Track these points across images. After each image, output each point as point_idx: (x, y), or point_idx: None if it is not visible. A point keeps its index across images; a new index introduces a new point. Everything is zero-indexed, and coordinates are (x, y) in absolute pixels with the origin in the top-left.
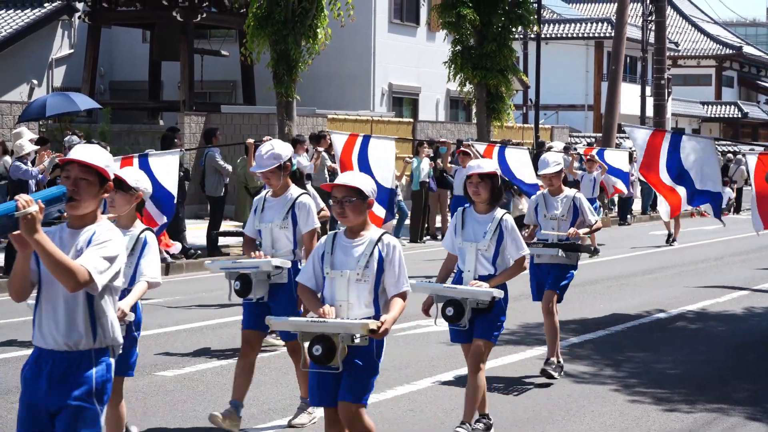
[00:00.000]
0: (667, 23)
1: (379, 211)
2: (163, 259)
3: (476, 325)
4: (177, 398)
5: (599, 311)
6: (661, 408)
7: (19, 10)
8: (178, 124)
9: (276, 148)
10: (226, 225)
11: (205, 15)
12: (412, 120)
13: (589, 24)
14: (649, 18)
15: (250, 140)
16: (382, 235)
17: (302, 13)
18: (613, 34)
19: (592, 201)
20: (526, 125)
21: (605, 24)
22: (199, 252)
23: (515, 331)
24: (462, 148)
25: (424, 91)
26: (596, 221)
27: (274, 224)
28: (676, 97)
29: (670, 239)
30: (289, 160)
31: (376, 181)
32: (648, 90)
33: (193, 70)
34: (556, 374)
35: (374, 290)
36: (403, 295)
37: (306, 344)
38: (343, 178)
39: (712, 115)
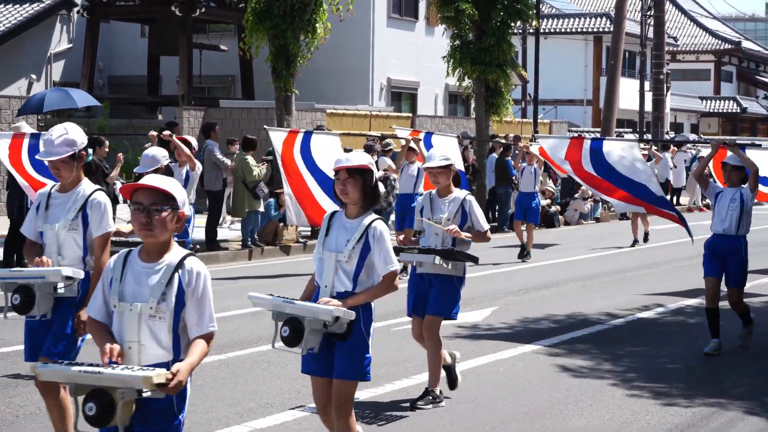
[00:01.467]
0: (666, 18)
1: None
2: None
3: (335, 359)
4: None
5: (598, 306)
6: (660, 402)
7: (18, 5)
8: (177, 118)
9: (70, 132)
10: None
11: (203, 10)
12: (410, 115)
13: (588, 19)
14: (648, 13)
15: (153, 132)
16: (185, 258)
17: (301, 7)
18: (612, 29)
19: (533, 195)
20: (524, 120)
21: (604, 19)
22: (198, 246)
23: (513, 326)
24: (409, 144)
25: (423, 85)
26: (487, 230)
27: (61, 225)
28: (675, 92)
29: (637, 242)
30: (85, 148)
31: (328, 177)
32: (647, 85)
33: (191, 65)
34: (428, 406)
35: (173, 329)
36: (207, 337)
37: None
38: (152, 180)
39: (711, 110)
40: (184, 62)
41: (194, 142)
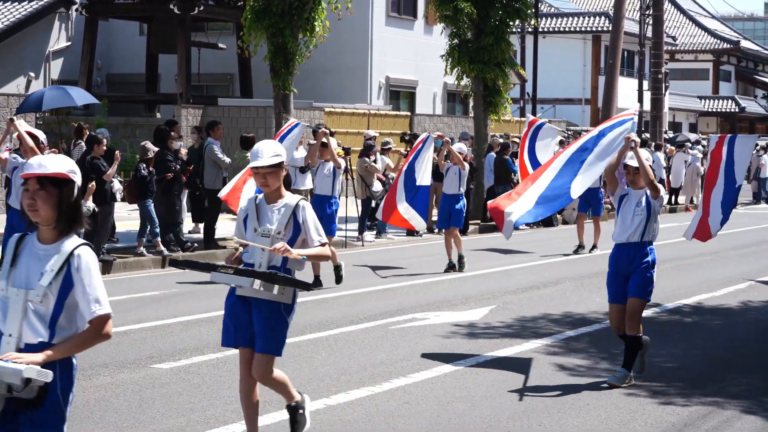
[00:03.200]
0: (665, 17)
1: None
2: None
3: None
4: (173, 390)
5: (596, 305)
6: (657, 401)
7: (17, 3)
8: (175, 116)
9: None
10: (223, 218)
11: (202, 8)
12: (409, 113)
13: (586, 18)
14: (647, 12)
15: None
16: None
17: (300, 6)
18: (610, 28)
19: (457, 197)
20: (523, 119)
21: (603, 18)
22: (196, 245)
23: (511, 324)
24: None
25: (422, 84)
26: (323, 243)
27: None
28: (674, 91)
29: (580, 248)
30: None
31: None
32: (645, 84)
33: (190, 63)
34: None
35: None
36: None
37: None
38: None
39: (709, 110)
40: (182, 60)
41: (42, 136)
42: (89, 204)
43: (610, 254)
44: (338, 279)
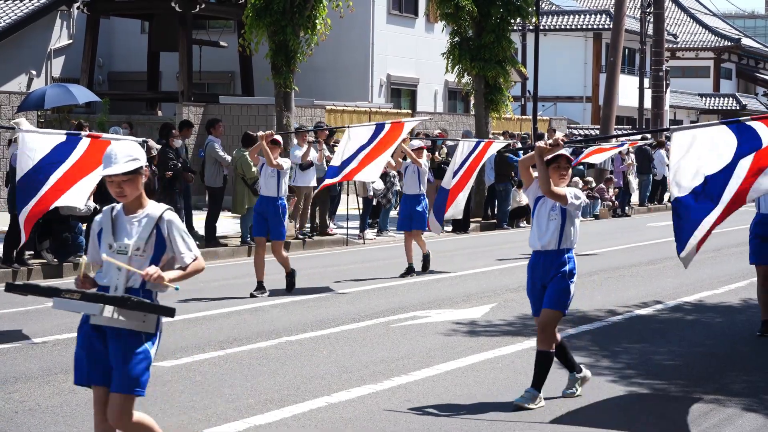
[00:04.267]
0: (666, 15)
1: None
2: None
3: None
4: (174, 389)
5: (597, 302)
6: (658, 399)
7: (18, 1)
8: (177, 114)
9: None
10: (224, 216)
11: (203, 6)
12: (410, 111)
13: (587, 16)
14: (648, 10)
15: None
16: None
17: (301, 3)
18: (611, 26)
19: (418, 197)
20: (524, 117)
21: (604, 16)
22: (198, 243)
23: (512, 322)
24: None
25: (423, 82)
26: (195, 259)
27: None
28: (675, 89)
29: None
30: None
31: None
32: (646, 82)
33: (191, 61)
34: None
35: None
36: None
37: None
38: None
39: (710, 107)
40: (183, 58)
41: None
42: (90, 203)
43: (528, 264)
44: (290, 286)
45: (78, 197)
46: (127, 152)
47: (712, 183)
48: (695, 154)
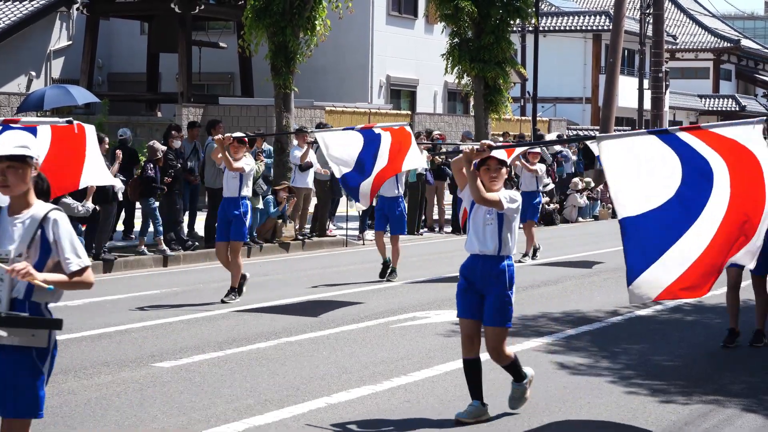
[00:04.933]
0: (665, 16)
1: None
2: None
3: None
4: (173, 389)
5: (596, 303)
6: (658, 399)
7: (18, 2)
8: (176, 116)
9: None
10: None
11: (203, 7)
12: (409, 112)
13: (587, 17)
14: (647, 11)
15: None
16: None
17: (300, 5)
18: (611, 27)
19: (397, 199)
20: (523, 118)
21: (603, 17)
22: (197, 243)
23: (512, 323)
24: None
25: (422, 83)
26: (83, 269)
27: None
28: (674, 90)
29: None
30: None
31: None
32: (646, 83)
33: (191, 62)
34: None
35: None
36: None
37: None
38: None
39: (710, 108)
40: (183, 59)
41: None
42: (89, 204)
43: (462, 264)
44: (239, 291)
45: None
46: (18, 140)
47: (676, 206)
48: (635, 170)
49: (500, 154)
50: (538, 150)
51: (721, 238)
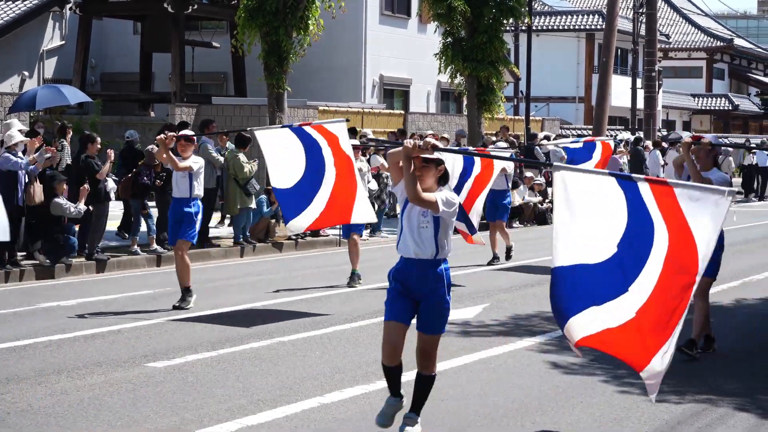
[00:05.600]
0: (658, 15)
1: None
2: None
3: None
4: (166, 389)
5: None
6: (650, 399)
7: (10, 2)
8: (169, 115)
9: None
10: (216, 217)
11: (196, 6)
12: (403, 112)
13: (580, 16)
14: (640, 10)
15: None
16: None
17: (293, 4)
18: (604, 26)
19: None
20: (517, 117)
21: (596, 16)
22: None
23: (505, 322)
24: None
25: (415, 83)
26: None
27: None
28: (667, 89)
29: (495, 260)
30: None
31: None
32: (639, 82)
33: (184, 62)
34: None
35: None
36: None
37: None
38: None
39: (703, 107)
40: (176, 59)
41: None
42: (81, 206)
43: (394, 268)
44: (181, 303)
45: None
46: None
47: (614, 267)
48: (582, 212)
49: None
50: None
51: (656, 303)
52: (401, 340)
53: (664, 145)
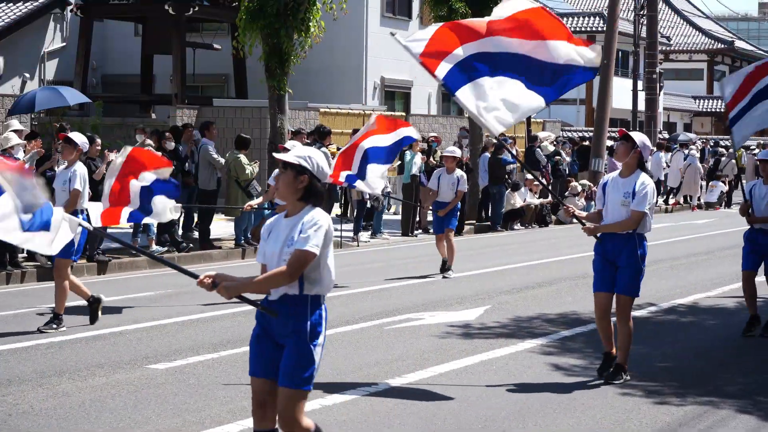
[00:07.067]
0: (659, 17)
1: None
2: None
3: None
4: (168, 391)
5: (590, 304)
6: (652, 401)
7: (12, 4)
8: (170, 117)
9: None
10: (218, 219)
11: (197, 8)
12: (404, 114)
13: (581, 18)
14: (641, 12)
15: None
16: None
17: (294, 6)
18: (605, 28)
19: None
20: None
21: (597, 18)
22: (191, 246)
23: (506, 325)
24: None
25: (417, 84)
26: None
27: None
28: (668, 91)
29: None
30: None
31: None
32: (640, 84)
33: (185, 64)
34: None
35: None
36: None
37: None
38: None
39: (704, 110)
40: (177, 61)
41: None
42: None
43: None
44: (93, 317)
45: None
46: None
47: None
48: None
49: (289, 156)
50: (457, 154)
51: None
52: (267, 397)
53: (673, 145)
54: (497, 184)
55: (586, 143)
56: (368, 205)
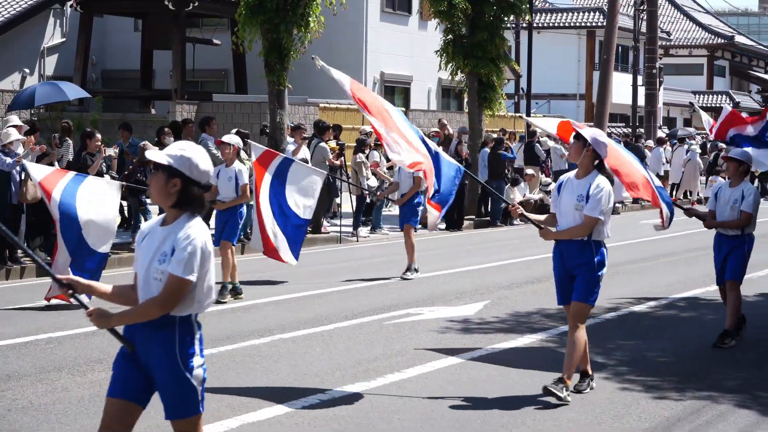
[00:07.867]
0: (659, 12)
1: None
2: None
3: None
4: None
5: None
6: (651, 396)
7: None
8: (170, 112)
9: None
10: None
11: (196, 4)
12: (404, 109)
13: (581, 13)
14: (641, 7)
15: None
16: None
17: (294, 1)
18: (605, 24)
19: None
20: (517, 114)
21: (597, 13)
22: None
23: (505, 319)
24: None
25: (416, 80)
26: None
27: None
28: (668, 86)
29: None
30: None
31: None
32: (640, 79)
33: (184, 59)
34: None
35: None
36: None
37: None
38: None
39: (704, 105)
40: (177, 56)
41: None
42: None
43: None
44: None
45: None
46: None
47: None
48: None
49: (159, 155)
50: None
51: None
52: (115, 423)
53: (672, 140)
54: (497, 180)
55: None
56: (368, 200)
